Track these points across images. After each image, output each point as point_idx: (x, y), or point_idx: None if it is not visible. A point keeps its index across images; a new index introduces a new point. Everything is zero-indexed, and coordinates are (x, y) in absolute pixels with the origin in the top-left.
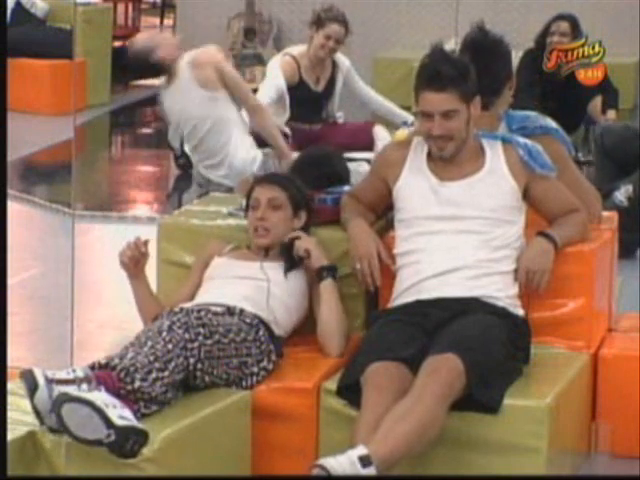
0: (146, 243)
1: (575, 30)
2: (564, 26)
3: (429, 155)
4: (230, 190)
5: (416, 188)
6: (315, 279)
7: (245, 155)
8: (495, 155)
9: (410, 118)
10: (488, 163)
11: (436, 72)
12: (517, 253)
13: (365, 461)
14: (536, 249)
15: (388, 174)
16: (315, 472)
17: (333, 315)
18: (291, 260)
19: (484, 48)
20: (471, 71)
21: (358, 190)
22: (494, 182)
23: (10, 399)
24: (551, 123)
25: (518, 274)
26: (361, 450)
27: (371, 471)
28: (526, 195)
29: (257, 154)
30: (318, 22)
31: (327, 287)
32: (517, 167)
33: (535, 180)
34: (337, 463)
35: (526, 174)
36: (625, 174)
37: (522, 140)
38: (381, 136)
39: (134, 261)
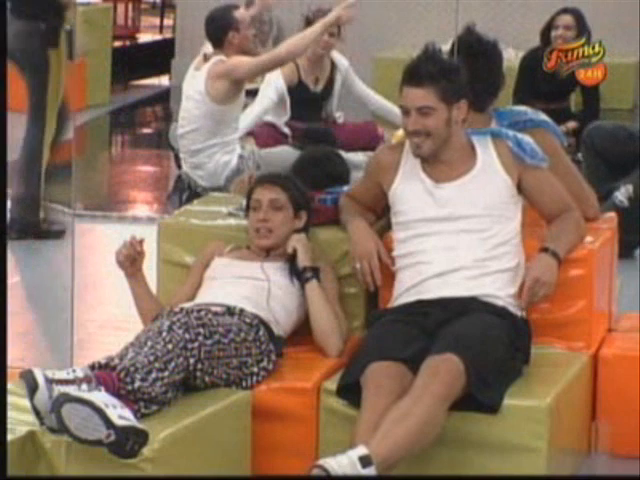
0: (141, 242)
1: (579, 24)
2: (567, 19)
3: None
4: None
5: (411, 191)
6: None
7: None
8: (486, 151)
9: None
10: (480, 160)
11: (416, 68)
12: (516, 249)
13: (365, 461)
14: (542, 264)
15: (382, 178)
16: (315, 472)
17: (322, 315)
18: (296, 269)
19: (480, 52)
20: (458, 73)
21: (355, 192)
22: (488, 179)
23: (10, 399)
24: (541, 116)
25: (525, 284)
26: (361, 450)
27: (371, 471)
28: (520, 187)
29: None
30: (307, 22)
31: (312, 289)
32: (509, 160)
33: (527, 171)
34: (337, 463)
35: (518, 166)
36: (615, 174)
37: (511, 132)
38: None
39: (130, 260)
